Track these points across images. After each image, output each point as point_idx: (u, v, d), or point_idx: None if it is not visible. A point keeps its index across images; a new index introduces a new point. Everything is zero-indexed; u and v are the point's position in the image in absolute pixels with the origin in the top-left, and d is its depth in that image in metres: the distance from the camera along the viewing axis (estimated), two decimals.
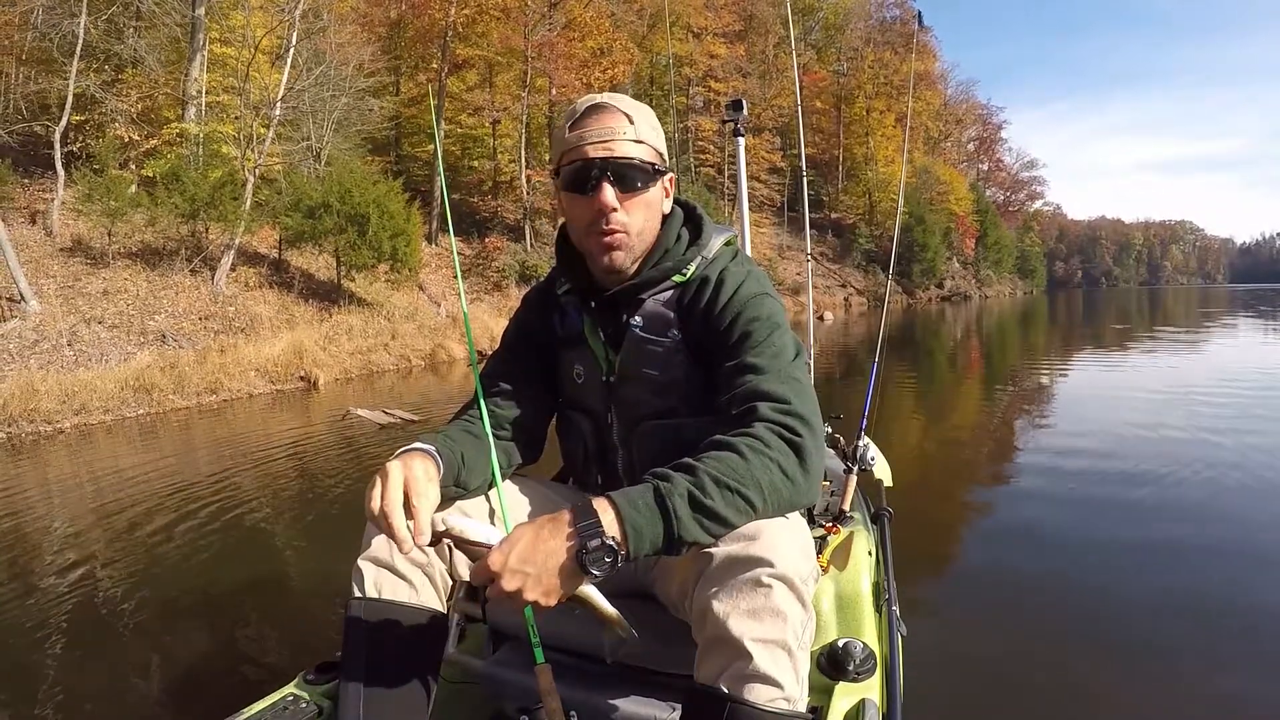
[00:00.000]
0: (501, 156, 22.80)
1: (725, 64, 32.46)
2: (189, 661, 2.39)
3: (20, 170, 13.17)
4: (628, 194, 1.06)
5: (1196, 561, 2.88)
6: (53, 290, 10.24)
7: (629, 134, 1.05)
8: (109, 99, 14.08)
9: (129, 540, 3.72)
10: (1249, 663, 2.10)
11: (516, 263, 18.64)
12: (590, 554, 0.81)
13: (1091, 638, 2.27)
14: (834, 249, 36.88)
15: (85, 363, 8.54)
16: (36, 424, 7.15)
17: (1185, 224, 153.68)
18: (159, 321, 10.05)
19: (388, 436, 6.02)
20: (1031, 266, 59.48)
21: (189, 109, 15.02)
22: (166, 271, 11.44)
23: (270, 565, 3.37)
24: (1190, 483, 3.95)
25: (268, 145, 12.72)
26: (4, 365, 8.38)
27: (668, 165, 1.12)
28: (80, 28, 13.30)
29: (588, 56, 23.34)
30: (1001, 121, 59.43)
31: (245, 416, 7.76)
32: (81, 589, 3.06)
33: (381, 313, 12.62)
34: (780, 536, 0.89)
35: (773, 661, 0.85)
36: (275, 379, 8.86)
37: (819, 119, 39.93)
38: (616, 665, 1.14)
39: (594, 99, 1.08)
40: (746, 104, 2.52)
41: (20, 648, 2.55)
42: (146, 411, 7.66)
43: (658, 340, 1.12)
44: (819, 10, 41.68)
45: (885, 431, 5.35)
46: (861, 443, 2.17)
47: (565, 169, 1.07)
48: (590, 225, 1.07)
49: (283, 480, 4.96)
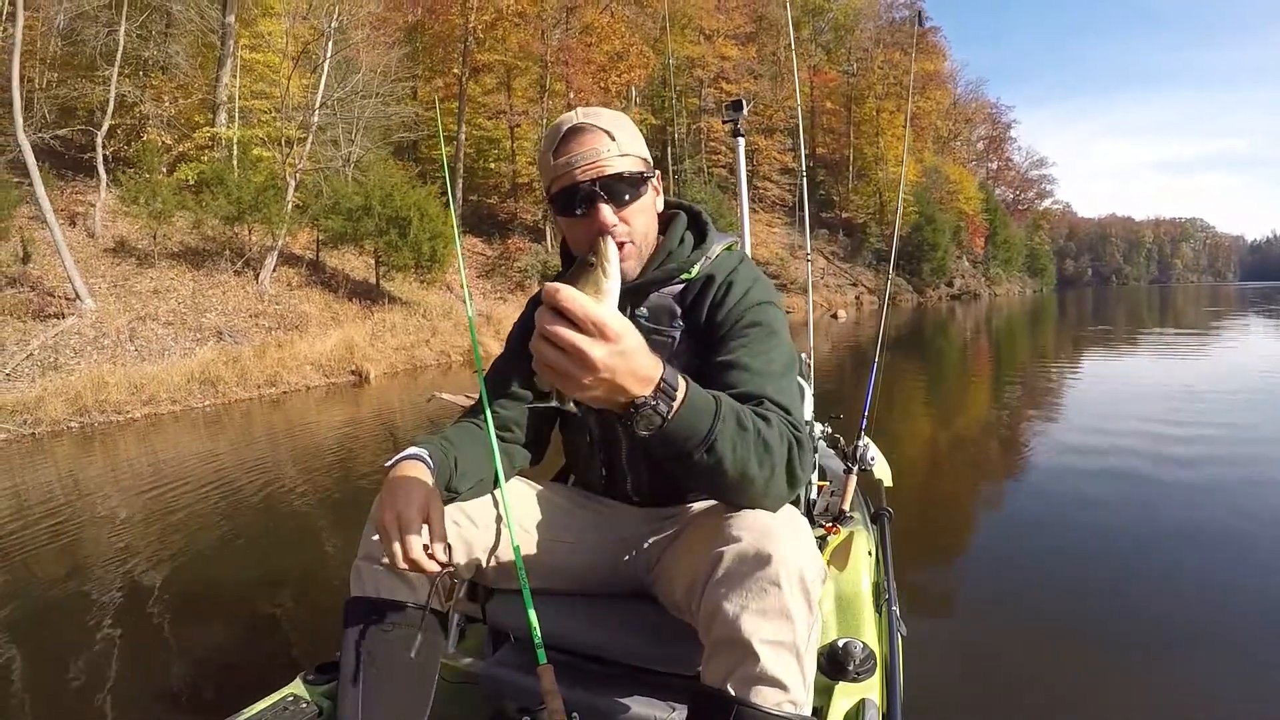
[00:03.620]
0: (520, 159, 23.15)
1: (737, 65, 32.74)
2: (190, 660, 2.39)
3: (54, 174, 13.58)
4: (623, 206, 1.08)
5: (1200, 561, 2.84)
6: (104, 289, 10.65)
7: (613, 150, 1.06)
8: (145, 103, 14.52)
9: (163, 530, 3.79)
10: (1256, 662, 2.08)
11: (539, 262, 18.99)
12: (663, 389, 0.78)
13: (1092, 637, 2.26)
14: (845, 248, 37.09)
15: (148, 357, 8.94)
16: (108, 414, 7.54)
17: (1196, 222, 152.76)
18: (211, 319, 10.45)
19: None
20: (1041, 265, 59.50)
21: (220, 114, 15.48)
22: (211, 271, 11.84)
23: (305, 557, 3.39)
24: (1193, 482, 3.92)
25: (308, 149, 13.11)
26: (68, 360, 8.79)
27: (651, 168, 1.14)
28: (121, 34, 13.75)
29: (605, 61, 23.68)
30: (1011, 120, 59.68)
31: (325, 406, 8.12)
32: (91, 584, 3.11)
33: (419, 311, 13.04)
34: (791, 537, 0.89)
35: (781, 664, 0.85)
36: (329, 373, 9.25)
37: (829, 119, 40.18)
38: (618, 666, 1.14)
39: (571, 120, 1.08)
40: (747, 105, 2.54)
41: (22, 643, 2.59)
42: (211, 403, 8.06)
43: (663, 331, 1.13)
44: (828, 11, 41.95)
45: (889, 429, 5.37)
46: (861, 443, 2.15)
47: (557, 195, 1.08)
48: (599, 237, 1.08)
49: (354, 467, 5.24)
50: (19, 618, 2.81)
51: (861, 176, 39.68)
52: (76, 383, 7.73)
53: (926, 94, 43.05)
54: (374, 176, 13.46)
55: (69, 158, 13.82)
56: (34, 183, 10.08)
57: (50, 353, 8.77)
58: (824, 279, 32.64)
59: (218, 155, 14.73)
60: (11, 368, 8.22)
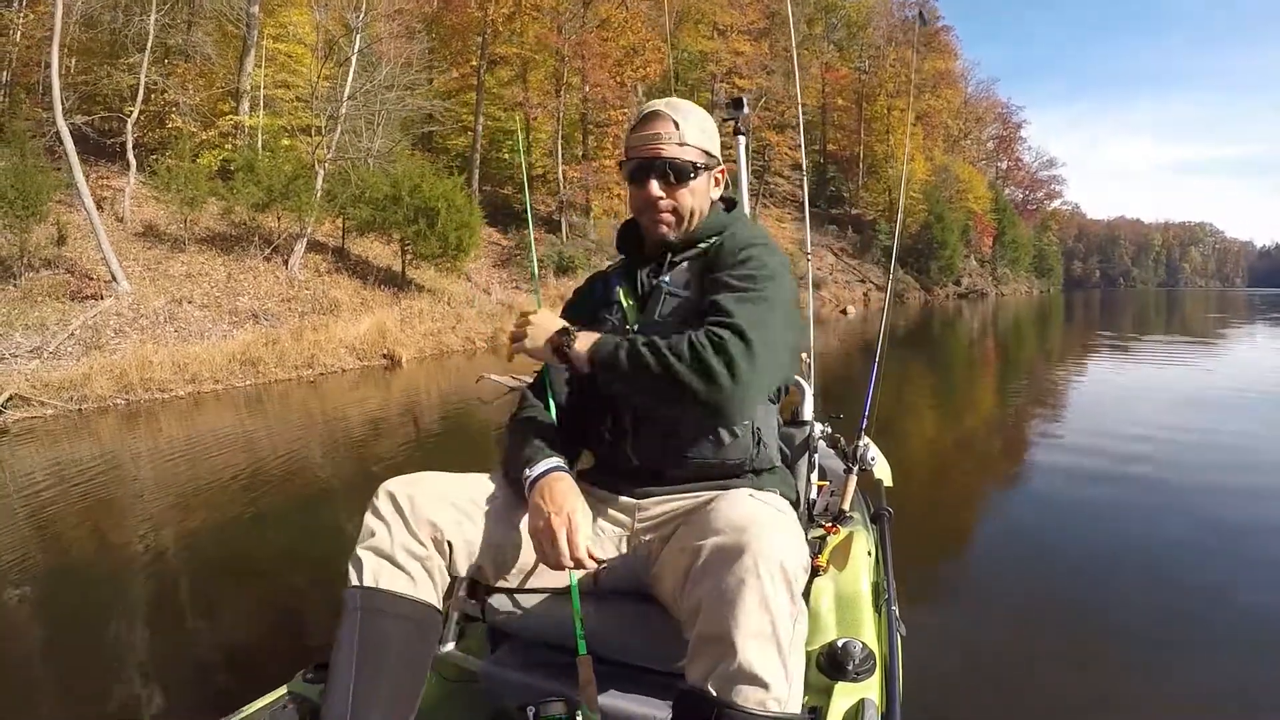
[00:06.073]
0: (535, 150, 23.31)
1: (750, 61, 32.80)
2: (191, 659, 2.38)
3: (82, 160, 13.77)
4: (672, 186, 1.25)
5: (1203, 562, 2.84)
6: (138, 272, 10.91)
7: (674, 138, 1.24)
8: (172, 91, 14.73)
9: (185, 511, 3.84)
10: (1260, 664, 2.08)
11: (555, 253, 19.18)
12: (565, 330, 1.16)
13: (1093, 637, 2.26)
14: (854, 245, 37.19)
15: (187, 338, 9.19)
16: (152, 392, 7.80)
17: (1205, 226, 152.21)
18: (245, 302, 10.70)
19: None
20: (1049, 265, 59.43)
21: (244, 102, 15.70)
22: (241, 257, 12.09)
23: (324, 546, 3.34)
24: (1198, 487, 3.91)
25: (336, 139, 13.33)
26: (110, 340, 9.04)
27: (717, 159, 1.31)
28: (151, 22, 13.95)
29: (621, 56, 23.81)
30: (1021, 120, 59.40)
31: (362, 387, 8.32)
32: (102, 569, 3.14)
33: (443, 298, 13.30)
34: (771, 529, 0.90)
35: (762, 659, 0.85)
36: (362, 356, 9.51)
37: (841, 116, 40.23)
38: (618, 665, 1.15)
39: (653, 106, 1.29)
40: (753, 101, 2.62)
41: (26, 629, 2.61)
42: (252, 382, 8.31)
43: (679, 293, 1.26)
44: (841, 8, 41.95)
45: (893, 427, 5.47)
46: (861, 443, 2.16)
47: (626, 165, 1.29)
48: (643, 208, 1.29)
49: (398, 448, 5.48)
50: (27, 600, 2.84)
51: (872, 174, 39.76)
52: (121, 361, 7.99)
53: (937, 93, 43.07)
54: (401, 167, 13.69)
55: (92, 143, 14.03)
56: (72, 168, 10.32)
57: (92, 332, 9.02)
58: (833, 275, 32.75)
59: (240, 143, 14.97)
60: (55, 346, 8.47)
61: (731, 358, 1.02)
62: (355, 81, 14.31)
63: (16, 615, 2.74)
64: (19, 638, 2.57)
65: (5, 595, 2.87)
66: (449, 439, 5.76)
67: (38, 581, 3.01)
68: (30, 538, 3.55)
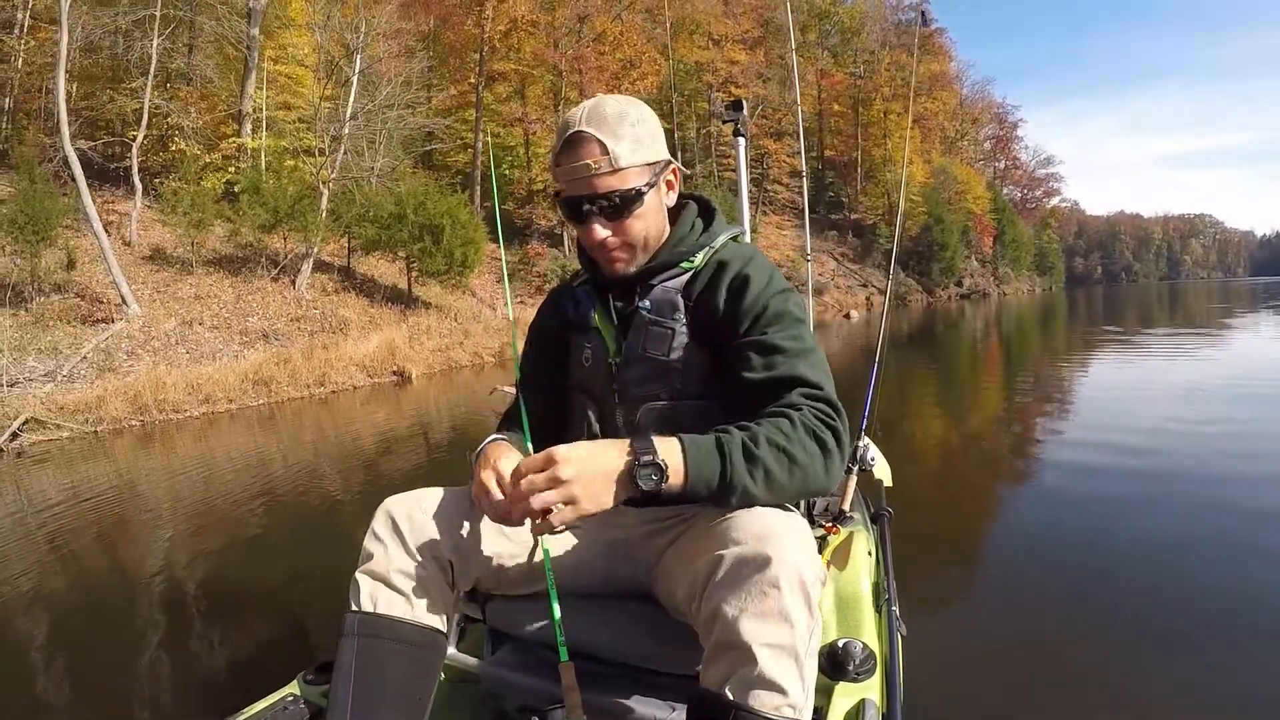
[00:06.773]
0: (536, 165, 23.50)
1: (745, 70, 33.03)
2: (192, 659, 2.40)
3: (88, 184, 13.95)
4: (617, 220, 1.09)
5: (1207, 560, 2.79)
6: (147, 295, 11.03)
7: (605, 167, 1.05)
8: (175, 114, 14.94)
9: (196, 528, 3.89)
10: (1260, 662, 2.07)
11: (558, 267, 19.32)
12: (642, 468, 0.88)
13: (1094, 637, 2.24)
14: (855, 250, 37.29)
15: (199, 359, 9.28)
16: (166, 413, 7.87)
17: (1204, 217, 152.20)
18: (255, 323, 10.80)
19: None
20: (1050, 263, 59.42)
21: (246, 124, 15.89)
22: (248, 278, 12.21)
23: (326, 556, 3.37)
24: (1202, 485, 3.82)
25: (339, 159, 13.48)
26: (122, 363, 9.13)
27: (663, 160, 1.13)
28: (154, 48, 14.17)
29: (618, 68, 24.03)
30: (1018, 119, 59.54)
31: (374, 404, 8.38)
32: (109, 578, 3.18)
33: (450, 315, 13.42)
34: (791, 539, 0.89)
35: (780, 667, 0.85)
36: (373, 373, 9.59)
37: (837, 121, 40.45)
38: (618, 666, 1.14)
39: (572, 125, 1.06)
40: (750, 107, 2.60)
41: (31, 634, 2.64)
42: (265, 401, 8.39)
43: (664, 323, 1.14)
44: (834, 15, 42.25)
45: (894, 427, 5.52)
46: (861, 443, 2.16)
47: (560, 200, 1.12)
48: (592, 248, 1.13)
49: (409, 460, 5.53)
50: (32, 608, 2.89)
51: (870, 178, 39.90)
52: (135, 383, 8.07)
53: (933, 95, 43.25)
54: (405, 185, 13.84)
55: (97, 167, 14.22)
56: (80, 192, 10.46)
57: (104, 355, 9.12)
58: (834, 280, 32.84)
59: (244, 165, 15.14)
60: (69, 370, 8.57)
61: (839, 430, 0.99)
62: (356, 102, 14.49)
63: (30, 621, 2.81)
64: (33, 640, 2.64)
65: (22, 604, 2.94)
66: (458, 451, 5.81)
67: (53, 592, 3.07)
68: (46, 553, 3.60)
